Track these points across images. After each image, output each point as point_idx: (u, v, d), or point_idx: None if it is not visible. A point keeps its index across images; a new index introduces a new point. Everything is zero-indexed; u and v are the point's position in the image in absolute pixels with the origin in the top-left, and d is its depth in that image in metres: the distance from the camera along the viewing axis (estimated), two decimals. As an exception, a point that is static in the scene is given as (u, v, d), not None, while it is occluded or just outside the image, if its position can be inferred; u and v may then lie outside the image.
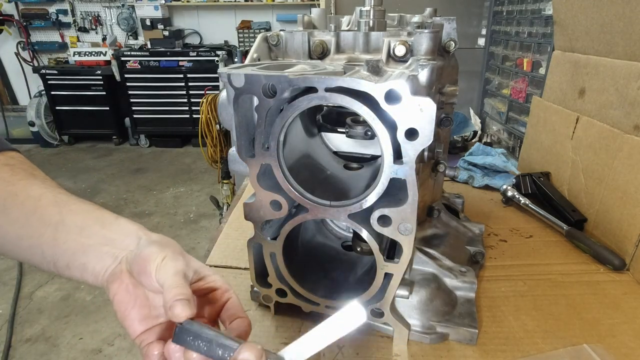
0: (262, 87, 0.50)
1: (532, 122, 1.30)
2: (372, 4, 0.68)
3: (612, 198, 0.92)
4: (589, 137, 1.00)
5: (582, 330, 0.71)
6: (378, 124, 0.48)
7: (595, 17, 0.97)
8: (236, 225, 1.04)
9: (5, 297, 2.58)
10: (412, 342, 0.68)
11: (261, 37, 0.70)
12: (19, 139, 5.33)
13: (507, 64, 2.84)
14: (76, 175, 4.56)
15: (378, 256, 0.57)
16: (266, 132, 0.53)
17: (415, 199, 0.51)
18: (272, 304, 0.71)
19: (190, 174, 4.59)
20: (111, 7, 5.54)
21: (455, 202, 1.04)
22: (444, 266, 0.76)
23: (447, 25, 0.74)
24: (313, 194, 0.56)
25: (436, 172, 0.80)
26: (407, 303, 0.69)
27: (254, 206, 0.59)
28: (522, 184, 1.15)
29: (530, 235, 1.01)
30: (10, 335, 2.28)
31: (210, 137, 3.21)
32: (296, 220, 0.59)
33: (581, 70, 1.06)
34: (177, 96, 5.09)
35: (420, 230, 0.84)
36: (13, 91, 5.90)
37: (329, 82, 0.47)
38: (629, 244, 0.86)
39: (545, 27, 2.26)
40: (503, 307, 0.76)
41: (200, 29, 5.61)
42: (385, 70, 0.57)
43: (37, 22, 5.47)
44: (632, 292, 0.80)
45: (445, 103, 0.76)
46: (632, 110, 0.88)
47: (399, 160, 0.49)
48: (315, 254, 0.75)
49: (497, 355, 0.66)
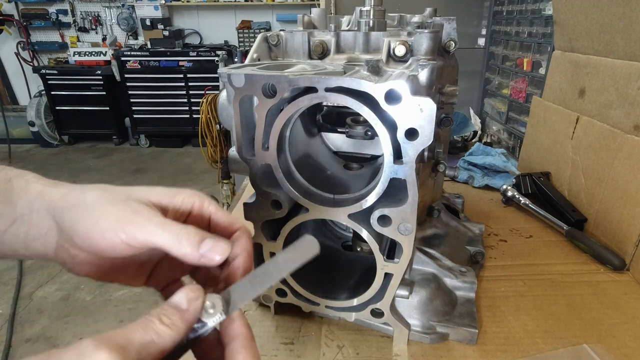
0: (262, 87, 0.50)
1: (532, 122, 1.30)
2: (372, 4, 0.68)
3: (612, 198, 0.92)
4: (589, 137, 1.00)
5: (582, 330, 0.71)
6: (378, 124, 0.48)
7: (595, 17, 0.97)
8: (236, 225, 1.04)
9: (5, 297, 2.58)
10: (412, 342, 0.68)
11: (261, 37, 0.70)
12: (19, 139, 5.32)
13: (507, 64, 2.84)
14: (76, 175, 4.56)
15: (378, 256, 0.57)
16: (266, 132, 0.53)
17: (415, 199, 0.51)
18: (272, 304, 0.71)
19: (190, 174, 4.59)
20: (111, 7, 5.54)
21: (455, 202, 1.04)
22: (444, 266, 0.76)
23: (447, 25, 0.74)
24: (313, 194, 0.57)
25: (436, 172, 0.80)
26: (407, 303, 0.69)
27: (254, 206, 0.59)
28: (522, 184, 1.15)
29: (530, 235, 1.01)
30: (10, 335, 2.28)
31: (210, 137, 3.21)
32: (296, 220, 0.59)
33: (581, 70, 1.06)
34: (177, 96, 5.10)
35: (420, 230, 0.84)
36: (13, 91, 5.91)
37: (329, 82, 0.47)
38: (629, 244, 0.86)
39: (545, 27, 2.27)
40: (503, 307, 0.76)
41: (200, 29, 5.61)
42: (385, 70, 0.57)
43: (37, 22, 5.47)
44: (632, 292, 0.80)
45: (445, 103, 0.76)
46: (632, 110, 0.88)
47: (399, 160, 0.49)
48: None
49: (497, 355, 0.66)
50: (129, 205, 0.37)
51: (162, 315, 0.31)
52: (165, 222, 0.36)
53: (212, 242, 0.36)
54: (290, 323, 0.72)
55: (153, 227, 0.35)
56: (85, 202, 0.37)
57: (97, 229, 0.36)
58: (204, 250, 0.35)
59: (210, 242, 0.36)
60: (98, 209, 0.37)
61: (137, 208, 0.36)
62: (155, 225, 0.35)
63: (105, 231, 0.36)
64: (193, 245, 0.35)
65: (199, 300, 0.33)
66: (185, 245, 0.35)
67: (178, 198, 0.40)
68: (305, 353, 0.65)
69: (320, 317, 0.73)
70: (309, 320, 0.72)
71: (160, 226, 0.35)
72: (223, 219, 0.41)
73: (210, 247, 0.36)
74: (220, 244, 0.36)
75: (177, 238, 0.35)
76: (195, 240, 0.35)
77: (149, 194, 0.39)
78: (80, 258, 0.39)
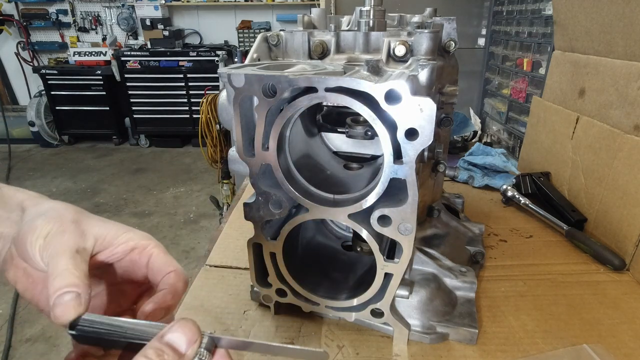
0: (262, 87, 0.50)
1: (532, 122, 1.30)
2: (372, 4, 0.68)
3: (612, 198, 0.92)
4: (589, 137, 1.00)
5: (582, 330, 0.71)
6: (378, 124, 0.48)
7: (595, 17, 0.97)
8: (236, 225, 1.04)
9: (5, 297, 2.58)
10: (412, 342, 0.68)
11: (261, 37, 0.70)
12: (19, 139, 5.32)
13: (507, 64, 2.84)
14: (76, 175, 4.56)
15: (378, 256, 0.57)
16: (266, 132, 0.53)
17: (415, 199, 0.51)
18: (272, 304, 0.71)
19: (190, 174, 4.60)
20: (111, 7, 5.54)
21: (455, 202, 1.04)
22: (444, 266, 0.76)
23: (447, 25, 0.74)
24: (313, 194, 0.57)
25: (436, 172, 0.80)
26: (407, 303, 0.69)
27: (254, 206, 0.59)
28: (522, 184, 1.15)
29: (530, 235, 1.01)
30: (10, 335, 2.28)
31: (210, 137, 3.21)
32: (296, 220, 0.59)
33: (581, 70, 1.06)
34: (177, 96, 5.10)
35: (420, 230, 0.84)
36: (13, 91, 5.91)
37: (329, 82, 0.47)
38: (629, 244, 0.86)
39: (545, 27, 2.27)
40: (503, 307, 0.76)
41: (200, 29, 5.61)
42: (385, 70, 0.57)
43: (37, 22, 5.47)
44: (632, 292, 0.80)
45: (445, 103, 0.76)
46: (632, 110, 0.88)
47: (399, 160, 0.49)
48: (315, 254, 0.75)
49: (497, 355, 0.66)
50: (65, 226, 0.37)
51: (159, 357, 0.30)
52: (60, 260, 0.35)
53: (70, 295, 0.33)
54: (290, 323, 0.72)
55: (49, 257, 0.35)
56: (31, 215, 0.39)
57: (27, 241, 0.36)
58: (55, 298, 0.33)
59: (69, 295, 0.33)
60: (37, 220, 0.37)
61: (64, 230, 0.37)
62: (50, 257, 0.35)
63: (29, 245, 0.36)
64: (53, 290, 0.34)
65: (197, 344, 0.32)
66: (50, 286, 0.34)
67: (122, 237, 0.41)
68: (305, 353, 0.65)
69: (320, 317, 0.73)
70: (309, 320, 0.72)
71: (54, 259, 0.35)
72: (160, 262, 0.42)
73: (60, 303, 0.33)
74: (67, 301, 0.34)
75: (51, 278, 0.34)
76: (55, 288, 0.34)
77: (95, 228, 0.40)
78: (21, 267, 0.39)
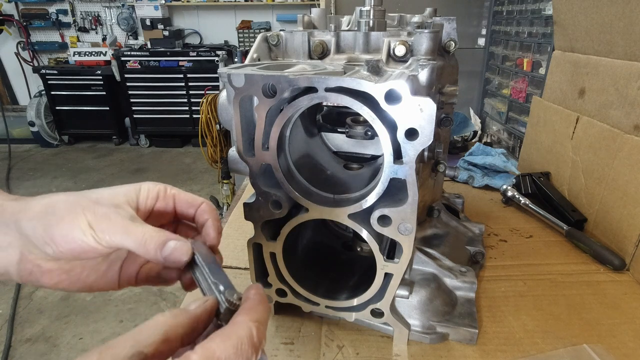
0: (262, 87, 0.50)
1: (532, 122, 1.30)
2: (372, 4, 0.68)
3: (612, 198, 0.92)
4: (589, 137, 1.00)
5: (582, 330, 0.71)
6: (378, 124, 0.48)
7: (595, 17, 0.97)
8: (236, 225, 1.04)
9: (5, 297, 2.58)
10: (412, 342, 0.68)
11: (261, 37, 0.70)
12: (19, 139, 5.32)
13: (507, 64, 2.84)
14: (76, 175, 4.56)
15: (378, 256, 0.57)
16: (266, 132, 0.53)
17: (415, 199, 0.51)
18: (272, 304, 0.71)
19: (190, 174, 4.59)
20: (111, 7, 5.54)
21: (455, 202, 1.04)
22: (444, 266, 0.76)
23: (447, 25, 0.74)
24: (313, 194, 0.57)
25: (436, 172, 0.80)
26: (407, 303, 0.69)
27: (254, 206, 0.59)
28: (522, 184, 1.15)
29: (530, 235, 1.01)
30: (10, 335, 2.28)
31: (210, 137, 3.21)
32: (296, 220, 0.59)
33: (581, 70, 1.06)
34: (177, 96, 5.10)
35: (420, 230, 0.84)
36: (13, 91, 5.90)
37: (329, 82, 0.47)
38: (629, 244, 0.86)
39: (545, 27, 2.27)
40: (503, 307, 0.76)
41: (200, 29, 5.61)
42: (385, 70, 0.57)
43: (37, 22, 5.47)
44: (632, 292, 0.80)
45: (445, 103, 0.76)
46: (632, 110, 0.88)
47: (399, 160, 0.49)
48: (315, 254, 0.75)
49: (497, 355, 0.66)
50: (99, 209, 0.38)
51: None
52: (130, 226, 0.38)
53: (173, 244, 0.38)
54: (290, 323, 0.72)
55: (121, 232, 0.37)
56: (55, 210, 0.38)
57: (71, 235, 0.37)
58: (167, 254, 0.38)
59: (172, 244, 0.38)
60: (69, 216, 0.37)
61: (106, 212, 0.38)
62: (122, 230, 0.37)
63: (79, 236, 0.37)
64: (156, 249, 0.38)
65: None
66: (150, 249, 0.38)
67: (143, 192, 0.43)
68: (305, 353, 0.65)
69: (320, 317, 0.73)
70: (309, 320, 0.72)
71: (126, 231, 0.37)
72: (185, 198, 0.46)
73: (172, 251, 0.38)
74: (181, 245, 0.39)
75: (142, 242, 0.37)
76: (158, 243, 0.38)
77: (117, 196, 0.41)
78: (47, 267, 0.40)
